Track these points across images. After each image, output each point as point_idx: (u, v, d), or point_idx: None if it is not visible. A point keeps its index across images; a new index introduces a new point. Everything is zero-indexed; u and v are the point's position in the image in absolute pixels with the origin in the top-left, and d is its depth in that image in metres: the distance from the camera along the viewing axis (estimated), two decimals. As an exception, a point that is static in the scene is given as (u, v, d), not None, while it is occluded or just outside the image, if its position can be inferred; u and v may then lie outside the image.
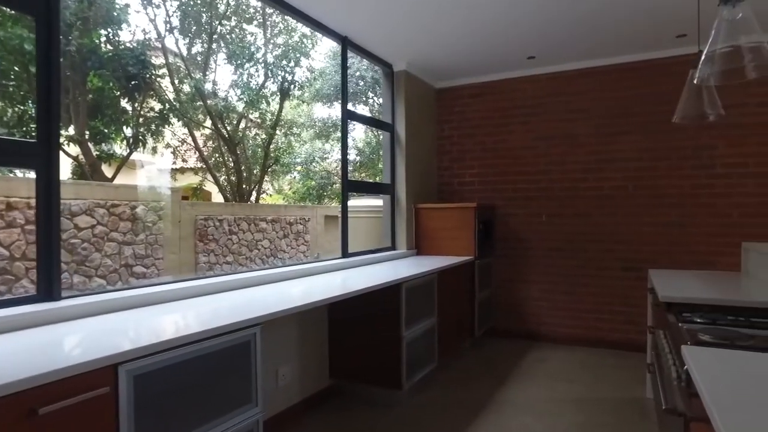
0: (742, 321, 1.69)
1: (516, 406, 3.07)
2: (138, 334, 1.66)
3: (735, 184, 3.81)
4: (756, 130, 3.75)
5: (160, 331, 1.68)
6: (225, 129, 9.91)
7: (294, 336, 3.03)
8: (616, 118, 4.21)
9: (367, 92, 11.01)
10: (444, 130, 5.01)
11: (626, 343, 4.15)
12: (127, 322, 1.82)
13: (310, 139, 12.26)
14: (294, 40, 10.24)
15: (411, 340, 3.15)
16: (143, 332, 1.68)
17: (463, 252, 4.31)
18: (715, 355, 1.21)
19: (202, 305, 2.20)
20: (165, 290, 2.28)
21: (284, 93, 10.38)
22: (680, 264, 3.92)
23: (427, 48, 4.02)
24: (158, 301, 2.23)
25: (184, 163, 10.44)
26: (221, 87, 10.98)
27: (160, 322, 1.85)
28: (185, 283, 2.44)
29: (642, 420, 2.82)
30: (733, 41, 1.62)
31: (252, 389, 1.92)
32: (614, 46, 3.96)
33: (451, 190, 4.97)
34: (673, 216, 4.00)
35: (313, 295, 2.40)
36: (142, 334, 1.64)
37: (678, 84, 3.22)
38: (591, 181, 4.31)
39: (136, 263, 6.53)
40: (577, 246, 4.37)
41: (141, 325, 1.79)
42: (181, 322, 1.86)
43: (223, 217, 8.16)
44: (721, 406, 0.88)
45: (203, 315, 1.98)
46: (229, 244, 8.29)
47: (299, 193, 12.41)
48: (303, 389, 3.09)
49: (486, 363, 3.97)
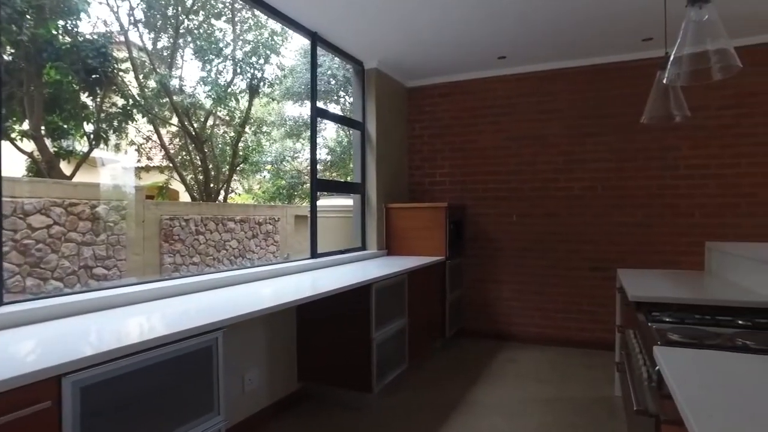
0: (708, 320, 1.71)
1: (486, 406, 3.05)
2: (89, 341, 1.55)
3: (697, 184, 3.91)
4: (717, 133, 3.86)
5: (115, 337, 1.58)
6: (192, 126, 9.65)
7: (261, 339, 2.94)
8: (586, 119, 4.27)
9: (339, 91, 10.93)
10: (415, 129, 4.99)
11: (595, 342, 4.21)
12: (80, 328, 1.71)
13: (281, 138, 12.09)
14: (264, 37, 10.06)
15: (381, 342, 3.10)
16: (95, 339, 1.57)
17: (434, 252, 4.29)
18: (686, 355, 1.20)
19: (166, 308, 2.10)
20: (126, 293, 2.17)
21: (253, 90, 10.19)
22: (646, 263, 4.00)
23: (399, 46, 3.98)
24: (119, 304, 2.12)
25: (149, 162, 10.11)
26: (188, 83, 10.70)
27: (117, 327, 1.75)
28: (149, 285, 2.34)
29: (611, 419, 2.85)
30: (700, 42, 1.63)
31: (214, 397, 1.83)
32: (583, 48, 4.01)
33: (422, 189, 4.95)
34: (640, 216, 4.08)
35: (281, 297, 2.33)
36: (94, 342, 1.53)
37: (645, 87, 3.27)
38: (561, 181, 4.36)
39: (97, 265, 6.26)
40: (546, 246, 4.41)
41: (95, 330, 1.68)
42: (138, 327, 1.76)
43: (189, 216, 7.94)
44: (695, 409, 0.86)
45: (165, 318, 1.89)
46: (196, 245, 8.07)
47: (269, 192, 12.22)
48: (271, 394, 3.00)
49: (457, 364, 3.96)
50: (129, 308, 2.09)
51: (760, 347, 1.39)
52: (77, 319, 1.86)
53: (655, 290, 2.20)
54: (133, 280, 4.90)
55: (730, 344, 1.44)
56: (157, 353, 1.56)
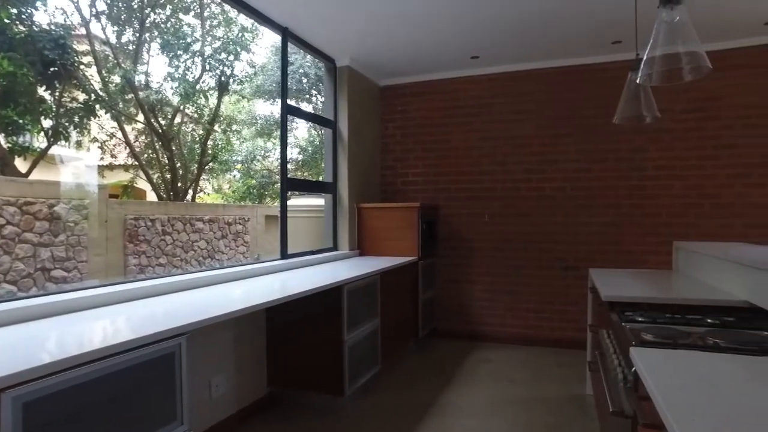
0: (679, 318, 1.72)
1: (460, 408, 3.03)
2: (41, 349, 1.44)
3: (664, 185, 4.00)
4: (682, 135, 3.95)
5: (70, 344, 1.47)
6: (159, 124, 9.36)
7: (229, 342, 2.84)
8: (557, 120, 4.31)
9: (311, 90, 10.80)
10: (387, 128, 4.94)
11: (566, 340, 4.25)
12: (32, 335, 1.59)
13: (252, 136, 11.89)
14: (234, 33, 9.84)
15: (353, 344, 3.04)
16: (48, 347, 1.46)
17: (407, 252, 4.25)
18: (662, 356, 1.19)
19: (130, 311, 2.00)
20: (87, 296, 2.06)
21: (223, 87, 9.96)
22: (615, 263, 4.06)
23: (371, 43, 3.93)
24: (79, 308, 2.00)
25: (114, 160, 9.75)
26: (155, 79, 10.37)
27: (72, 333, 1.64)
28: (112, 287, 2.24)
29: (583, 418, 2.86)
30: (672, 43, 1.64)
31: (177, 405, 1.73)
32: (554, 50, 4.04)
33: (394, 189, 4.91)
34: (609, 216, 4.14)
35: (250, 299, 2.25)
36: (45, 350, 1.42)
37: (614, 89, 3.32)
38: (533, 181, 4.38)
39: (55, 267, 5.98)
40: (518, 246, 4.43)
41: (48, 337, 1.57)
42: (96, 333, 1.66)
43: (155, 216, 7.69)
44: (676, 413, 0.84)
45: (130, 322, 1.79)
46: (163, 245, 7.83)
47: (239, 192, 11.99)
48: (239, 399, 2.90)
49: (430, 365, 3.93)
50: (90, 312, 1.97)
51: (730, 346, 1.40)
52: (31, 325, 1.74)
53: (627, 290, 2.21)
54: (96, 283, 4.69)
55: (701, 343, 1.44)
56: (113, 362, 1.46)
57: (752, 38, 3.75)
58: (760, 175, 3.78)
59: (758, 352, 1.36)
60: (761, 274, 1.85)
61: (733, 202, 3.83)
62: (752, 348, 1.39)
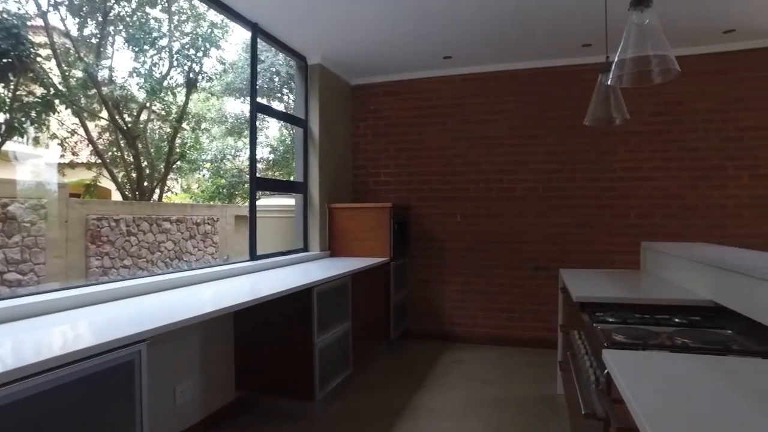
0: (648, 318, 1.74)
1: (432, 410, 3.01)
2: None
3: (632, 186, 4.08)
4: (649, 138, 4.04)
5: (13, 355, 1.37)
6: (123, 120, 9.05)
7: (195, 347, 2.74)
8: (529, 121, 4.35)
9: (283, 88, 10.65)
10: (359, 128, 4.90)
11: (537, 340, 4.29)
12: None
13: (222, 135, 11.65)
14: (203, 29, 9.61)
15: (324, 347, 2.98)
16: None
17: (378, 253, 4.22)
18: (634, 358, 1.18)
19: (89, 316, 1.90)
20: (44, 300, 1.96)
21: (191, 84, 9.71)
22: (585, 263, 4.12)
23: (343, 41, 3.88)
24: (34, 313, 1.90)
25: (75, 157, 9.37)
26: (119, 74, 10.04)
27: (21, 342, 1.53)
28: (72, 290, 2.13)
29: (555, 417, 2.88)
30: (642, 45, 1.66)
31: (136, 416, 1.65)
32: (525, 52, 4.08)
33: (365, 189, 4.86)
34: (579, 217, 4.20)
35: (218, 302, 2.19)
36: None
37: (584, 91, 3.37)
38: (505, 182, 4.41)
39: (9, 269, 5.69)
40: (490, 246, 4.45)
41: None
42: (48, 341, 1.55)
43: (120, 216, 7.43)
44: (651, 417, 0.83)
45: (88, 328, 1.69)
46: (127, 247, 7.57)
47: (208, 191, 11.72)
48: (206, 406, 2.81)
49: (402, 366, 3.90)
50: (47, 318, 1.87)
51: (698, 346, 1.43)
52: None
53: (597, 290, 2.23)
54: (55, 286, 4.48)
55: (670, 343, 1.46)
56: (64, 373, 1.37)
57: (712, 46, 3.87)
58: (721, 177, 3.90)
59: (723, 351, 1.39)
60: (724, 274, 1.89)
61: (697, 203, 3.94)
62: (718, 347, 1.42)
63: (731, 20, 3.42)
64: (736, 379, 1.04)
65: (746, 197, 3.85)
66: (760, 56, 3.82)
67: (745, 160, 3.86)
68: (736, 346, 1.44)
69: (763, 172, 3.82)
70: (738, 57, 3.86)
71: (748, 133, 3.85)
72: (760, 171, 3.83)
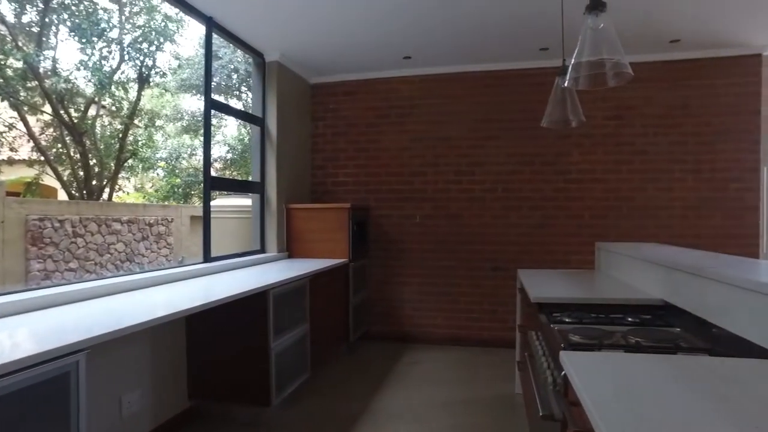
0: (603, 318, 1.77)
1: (391, 413, 2.98)
2: None
3: (586, 188, 4.20)
4: (601, 141, 4.17)
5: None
6: (68, 115, 8.59)
7: (144, 354, 2.60)
8: (486, 122, 4.39)
9: (241, 86, 10.41)
10: (318, 127, 4.82)
11: (496, 340, 4.34)
12: None
13: (177, 133, 11.26)
14: (156, 22, 9.25)
15: (281, 351, 2.90)
16: None
17: (337, 254, 4.16)
18: (591, 359, 1.19)
19: (25, 324, 1.77)
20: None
21: (144, 79, 9.33)
22: (541, 263, 4.20)
23: (301, 39, 3.80)
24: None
25: (14, 153, 8.82)
26: (64, 66, 9.53)
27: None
28: (8, 296, 2.00)
29: (513, 417, 2.91)
30: (597, 48, 1.69)
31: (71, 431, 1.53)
32: (483, 54, 4.12)
33: (324, 190, 4.79)
34: (536, 218, 4.28)
35: (168, 306, 2.09)
36: None
37: (541, 94, 3.43)
38: (464, 183, 4.44)
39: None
40: (449, 247, 4.47)
41: None
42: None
43: (65, 217, 7.02)
44: (608, 421, 0.82)
45: (22, 337, 1.56)
46: (73, 249, 7.17)
47: (163, 191, 11.30)
48: (155, 416, 2.68)
49: (361, 369, 3.86)
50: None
51: (650, 345, 1.46)
52: None
53: (554, 291, 2.26)
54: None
55: (624, 342, 1.49)
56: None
57: (659, 54, 4.03)
58: (667, 179, 4.07)
59: (673, 350, 1.43)
60: (672, 274, 1.95)
61: (646, 204, 4.09)
62: (668, 346, 1.45)
63: (676, 31, 3.58)
64: (685, 378, 1.06)
65: (692, 199, 4.03)
66: (703, 65, 4.01)
67: (690, 164, 4.04)
68: (685, 344, 1.48)
69: (706, 176, 4.02)
70: (683, 66, 4.04)
71: (692, 138, 4.04)
72: (703, 174, 4.02)
